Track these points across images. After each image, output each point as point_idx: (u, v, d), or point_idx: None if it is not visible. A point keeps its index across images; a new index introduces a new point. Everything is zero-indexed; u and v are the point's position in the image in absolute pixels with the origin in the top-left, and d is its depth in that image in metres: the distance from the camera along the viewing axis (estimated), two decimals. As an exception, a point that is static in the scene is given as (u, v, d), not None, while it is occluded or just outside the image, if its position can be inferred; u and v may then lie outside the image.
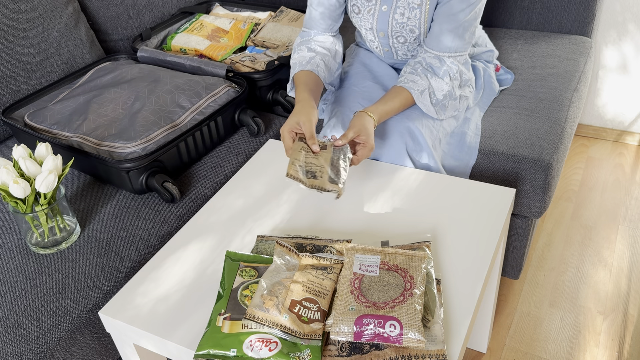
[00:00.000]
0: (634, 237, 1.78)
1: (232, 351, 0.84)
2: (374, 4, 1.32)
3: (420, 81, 1.30)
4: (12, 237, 1.20)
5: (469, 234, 1.08)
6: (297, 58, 1.38)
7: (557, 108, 1.47)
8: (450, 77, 1.31)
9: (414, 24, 1.31)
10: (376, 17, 1.34)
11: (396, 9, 1.30)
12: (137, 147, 1.29)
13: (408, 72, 1.32)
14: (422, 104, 1.31)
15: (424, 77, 1.30)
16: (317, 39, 1.39)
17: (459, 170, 1.37)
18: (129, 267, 1.14)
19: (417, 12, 1.29)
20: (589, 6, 1.76)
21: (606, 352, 1.45)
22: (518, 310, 1.58)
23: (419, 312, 0.85)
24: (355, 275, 0.93)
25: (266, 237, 1.07)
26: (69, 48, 1.64)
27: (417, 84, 1.30)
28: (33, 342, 0.99)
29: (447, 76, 1.31)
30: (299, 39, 1.42)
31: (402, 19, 1.31)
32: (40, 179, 1.08)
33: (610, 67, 2.09)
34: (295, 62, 1.38)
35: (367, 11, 1.34)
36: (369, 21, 1.35)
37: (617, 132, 2.21)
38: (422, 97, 1.31)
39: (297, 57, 1.38)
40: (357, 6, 1.35)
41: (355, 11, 1.36)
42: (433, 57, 1.30)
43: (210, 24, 1.86)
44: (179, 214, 1.26)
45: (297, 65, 1.36)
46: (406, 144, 1.29)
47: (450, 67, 1.30)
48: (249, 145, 1.47)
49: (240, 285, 0.94)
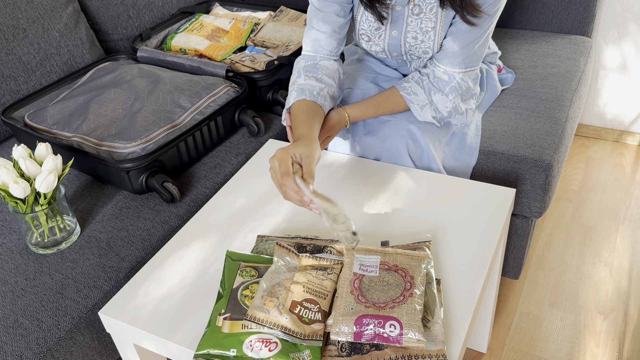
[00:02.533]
0: (634, 237, 1.78)
1: (232, 351, 0.84)
2: (383, 30, 1.29)
3: (422, 96, 1.28)
4: (12, 237, 1.20)
5: (469, 234, 1.08)
6: (305, 85, 1.23)
7: (558, 108, 1.47)
8: (457, 94, 1.28)
9: (427, 45, 1.26)
10: (387, 42, 1.30)
11: (407, 33, 1.26)
12: (137, 147, 1.29)
13: (414, 80, 1.30)
14: (422, 117, 1.30)
15: (427, 92, 1.28)
16: (322, 64, 1.27)
17: (459, 171, 1.37)
18: (129, 267, 1.14)
19: (430, 35, 1.24)
20: (589, 6, 1.76)
21: (606, 352, 1.45)
22: (518, 310, 1.58)
23: (419, 312, 0.85)
24: (355, 275, 0.93)
25: (266, 237, 1.07)
26: (69, 48, 1.64)
27: (419, 97, 1.28)
28: (33, 342, 0.99)
29: (453, 93, 1.28)
30: (303, 62, 1.29)
31: (415, 42, 1.27)
32: (40, 179, 1.08)
33: (611, 67, 2.09)
34: (302, 88, 1.22)
35: (378, 37, 1.30)
36: (380, 46, 1.32)
37: (617, 132, 2.21)
38: (422, 112, 1.29)
39: (305, 85, 1.23)
40: (366, 35, 1.31)
41: (365, 39, 1.32)
42: (443, 72, 1.27)
43: (210, 24, 1.86)
44: (179, 214, 1.26)
45: (307, 92, 1.21)
46: (407, 145, 1.28)
47: (459, 84, 1.28)
48: (249, 145, 1.47)
49: (241, 285, 0.94)
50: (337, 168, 1.29)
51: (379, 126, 1.32)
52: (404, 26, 1.26)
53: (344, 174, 1.27)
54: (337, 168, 1.29)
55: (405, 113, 1.33)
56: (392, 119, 1.32)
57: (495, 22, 1.27)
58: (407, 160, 1.28)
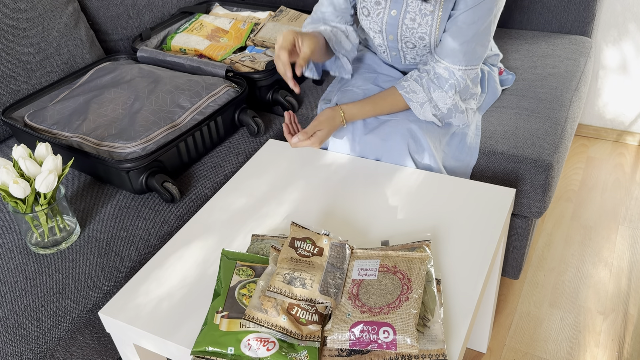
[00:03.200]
0: (634, 237, 1.78)
1: (230, 350, 0.84)
2: (383, 7, 1.30)
3: (421, 93, 1.29)
4: (12, 237, 1.20)
5: (469, 234, 1.08)
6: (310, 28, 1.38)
7: (558, 108, 1.47)
8: (456, 91, 1.30)
9: (424, 30, 1.28)
10: (385, 21, 1.31)
11: (406, 14, 1.28)
12: (137, 147, 1.29)
13: (413, 79, 1.31)
14: (422, 116, 1.31)
15: (427, 90, 1.29)
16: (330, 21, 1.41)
17: (460, 171, 1.37)
18: (129, 267, 1.14)
19: (428, 19, 1.26)
20: (589, 6, 1.76)
21: (606, 352, 1.45)
22: (518, 310, 1.58)
23: (414, 317, 0.85)
24: (354, 282, 0.93)
25: (261, 237, 1.07)
26: (69, 48, 1.64)
27: (418, 95, 1.29)
28: (33, 342, 0.99)
29: (452, 90, 1.29)
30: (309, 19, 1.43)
31: (413, 24, 1.28)
32: (40, 179, 1.08)
33: (611, 67, 2.09)
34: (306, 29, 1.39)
35: (377, 14, 1.32)
36: (378, 24, 1.33)
37: (617, 132, 2.21)
38: (422, 110, 1.30)
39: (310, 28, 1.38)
40: (366, 8, 1.33)
41: (365, 13, 1.34)
42: (444, 68, 1.28)
43: (210, 24, 1.86)
44: (179, 214, 1.26)
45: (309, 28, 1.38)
46: (408, 144, 1.28)
47: (458, 81, 1.28)
48: (249, 145, 1.47)
49: (238, 284, 0.94)
50: (337, 168, 1.29)
51: (380, 125, 1.33)
52: (403, 6, 1.28)
53: (344, 174, 1.27)
54: (337, 168, 1.29)
55: (406, 113, 1.34)
56: (393, 119, 1.33)
57: (496, 23, 1.27)
58: (408, 159, 1.28)
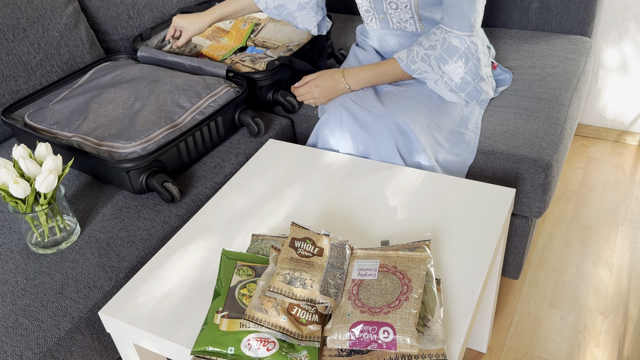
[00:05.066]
0: (634, 237, 1.78)
1: (230, 349, 0.84)
2: None
3: (432, 73, 1.33)
4: (12, 237, 1.20)
5: (469, 233, 1.08)
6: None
7: (557, 108, 1.47)
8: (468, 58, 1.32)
9: None
10: None
11: None
12: (137, 147, 1.29)
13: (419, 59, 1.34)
14: (441, 93, 1.35)
15: (437, 67, 1.32)
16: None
17: (455, 167, 1.37)
18: (129, 267, 1.14)
19: None
20: (589, 6, 1.76)
21: (606, 352, 1.45)
22: (518, 310, 1.58)
23: (414, 317, 0.85)
24: (354, 282, 0.93)
25: (261, 237, 1.07)
26: (69, 48, 1.64)
27: (429, 74, 1.33)
28: (33, 342, 0.99)
29: (462, 59, 1.32)
30: None
31: None
32: (40, 179, 1.08)
33: (611, 67, 2.09)
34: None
35: None
36: None
37: (617, 132, 2.21)
38: (437, 87, 1.34)
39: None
40: None
41: None
42: (455, 37, 1.31)
43: (210, 24, 1.86)
44: (179, 214, 1.26)
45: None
46: (396, 140, 1.29)
47: (469, 48, 1.31)
48: (249, 145, 1.47)
49: (238, 284, 0.94)
50: (338, 168, 1.29)
51: (367, 117, 1.34)
52: None
53: (344, 174, 1.27)
54: (338, 168, 1.29)
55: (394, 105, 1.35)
56: (380, 112, 1.33)
57: None
58: (396, 155, 1.28)
